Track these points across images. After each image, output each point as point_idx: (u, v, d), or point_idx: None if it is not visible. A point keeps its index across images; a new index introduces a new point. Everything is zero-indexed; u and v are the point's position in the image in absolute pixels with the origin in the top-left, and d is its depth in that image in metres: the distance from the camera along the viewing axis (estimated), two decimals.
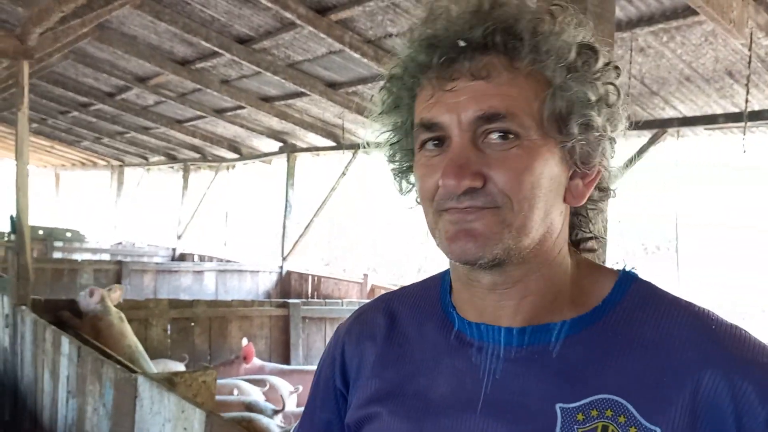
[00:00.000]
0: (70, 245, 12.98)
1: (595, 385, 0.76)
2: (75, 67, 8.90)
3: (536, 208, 0.76)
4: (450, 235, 0.77)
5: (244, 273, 10.11)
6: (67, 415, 3.34)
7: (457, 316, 0.85)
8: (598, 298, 0.81)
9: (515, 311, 0.80)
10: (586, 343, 0.78)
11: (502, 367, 0.79)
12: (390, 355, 0.89)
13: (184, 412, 2.29)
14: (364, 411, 0.87)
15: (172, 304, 5.74)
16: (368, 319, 0.94)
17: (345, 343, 0.94)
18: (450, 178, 0.74)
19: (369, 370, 0.89)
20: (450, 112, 0.76)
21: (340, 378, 0.93)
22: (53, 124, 13.95)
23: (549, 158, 0.77)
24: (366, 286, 8.29)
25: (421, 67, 0.79)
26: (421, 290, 0.94)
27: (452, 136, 0.77)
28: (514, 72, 0.76)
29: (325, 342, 6.24)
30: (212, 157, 12.52)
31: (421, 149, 0.80)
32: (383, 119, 0.87)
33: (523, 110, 0.75)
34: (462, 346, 0.83)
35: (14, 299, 4.28)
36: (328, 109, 7.85)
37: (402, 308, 0.93)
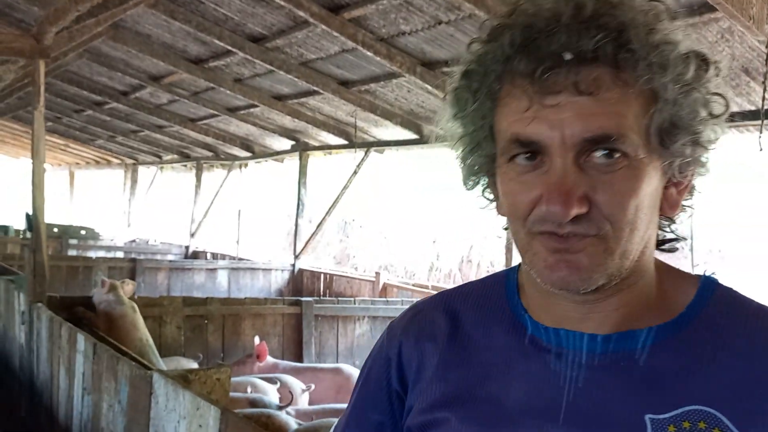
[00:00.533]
0: (84, 243, 13.10)
1: (685, 396, 0.72)
2: (90, 66, 8.97)
3: (637, 230, 0.72)
4: (550, 264, 0.72)
5: (257, 271, 10.15)
6: (83, 412, 3.37)
7: (531, 320, 0.82)
8: (681, 304, 0.78)
9: (603, 321, 0.77)
10: (673, 350, 0.75)
11: (585, 375, 0.76)
12: (454, 357, 0.84)
13: (199, 410, 2.31)
14: (429, 416, 0.83)
15: (186, 301, 5.77)
16: (427, 318, 0.89)
17: (402, 343, 0.89)
18: (556, 205, 0.69)
19: (431, 373, 0.85)
20: (552, 130, 0.70)
21: (397, 379, 0.88)
22: (68, 123, 14.06)
23: (653, 175, 0.73)
24: (378, 285, 8.29)
25: (514, 75, 0.73)
26: (482, 290, 0.90)
27: (553, 155, 0.71)
28: (623, 87, 0.70)
29: (338, 340, 6.25)
30: (225, 155, 12.57)
31: (510, 161, 0.74)
32: (454, 120, 0.81)
33: (631, 129, 0.70)
34: (538, 351, 0.79)
35: (30, 296, 4.32)
36: (341, 107, 7.86)
37: (463, 308, 0.88)
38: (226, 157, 12.57)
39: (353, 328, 6.36)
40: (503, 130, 0.74)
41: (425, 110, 7.23)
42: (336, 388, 5.08)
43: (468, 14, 4.87)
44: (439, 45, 5.62)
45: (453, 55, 5.73)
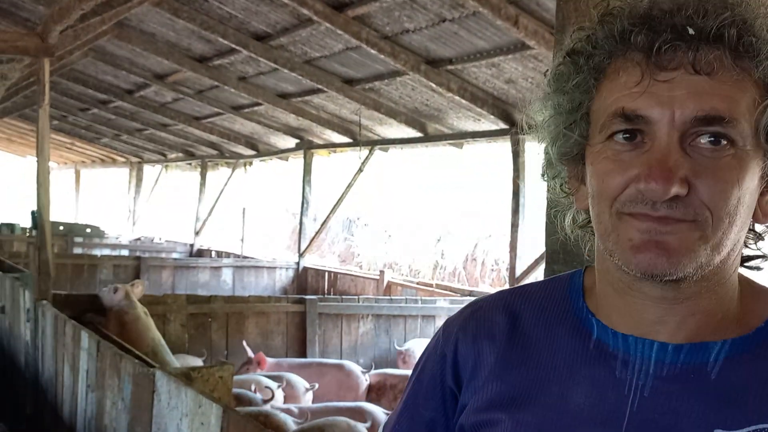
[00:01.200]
0: (89, 241, 13.15)
1: (759, 413, 0.70)
2: (95, 64, 9.00)
3: (735, 225, 0.69)
4: (636, 243, 0.69)
5: (261, 269, 10.16)
6: (87, 409, 3.38)
7: (597, 323, 0.79)
8: (760, 318, 0.75)
9: (677, 328, 0.74)
10: (747, 365, 0.72)
11: (652, 385, 0.73)
12: (513, 357, 0.82)
13: (201, 407, 2.31)
14: (484, 415, 0.80)
15: (190, 299, 5.79)
16: (485, 316, 0.87)
17: (459, 340, 0.86)
18: (657, 182, 0.66)
19: (488, 372, 0.82)
20: (662, 106, 0.67)
21: (451, 376, 0.86)
22: (73, 121, 14.11)
23: (756, 172, 0.70)
24: (382, 283, 8.29)
25: (628, 49, 0.70)
26: (544, 291, 0.87)
27: (658, 132, 0.68)
28: (741, 73, 0.68)
29: (342, 338, 6.25)
30: (229, 153, 12.59)
31: (608, 140, 0.71)
32: (550, 99, 0.78)
33: (743, 116, 0.68)
34: (603, 356, 0.76)
35: (36, 294, 4.34)
36: (345, 105, 7.86)
37: (524, 308, 0.85)
38: (230, 155, 12.59)
39: (357, 326, 6.36)
40: (607, 105, 0.72)
41: (429, 108, 7.22)
42: (338, 384, 5.09)
43: (472, 12, 4.86)
44: (443, 43, 5.61)
45: (457, 53, 5.73)
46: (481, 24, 5.07)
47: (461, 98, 6.23)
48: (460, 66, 5.85)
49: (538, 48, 4.88)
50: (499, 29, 5.02)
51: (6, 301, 5.26)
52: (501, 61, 5.56)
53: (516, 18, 4.60)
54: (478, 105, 6.34)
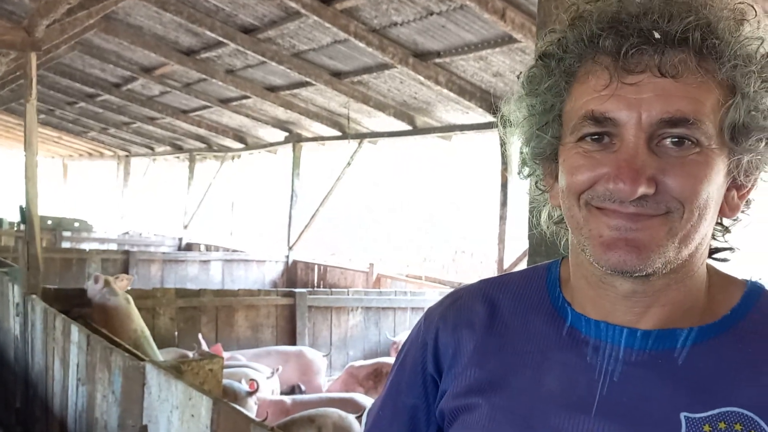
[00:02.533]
0: (78, 235, 13.06)
1: (723, 397, 0.72)
2: (82, 58, 8.94)
3: (704, 219, 0.72)
4: (606, 240, 0.71)
5: (251, 263, 10.16)
6: (77, 402, 3.39)
7: (572, 311, 0.82)
8: (726, 307, 0.78)
9: (647, 317, 0.77)
10: (713, 352, 0.75)
11: (621, 370, 0.76)
12: (490, 345, 0.85)
13: (192, 399, 2.34)
14: (462, 401, 0.84)
15: (179, 293, 5.79)
16: (465, 305, 0.90)
17: (439, 329, 0.89)
18: (625, 182, 0.69)
19: (467, 359, 0.85)
20: (629, 109, 0.70)
21: (432, 363, 0.89)
22: (61, 115, 14.01)
23: (721, 169, 0.72)
24: (372, 275, 8.33)
25: (597, 52, 0.73)
26: (523, 280, 0.90)
27: (626, 134, 0.71)
28: (706, 75, 0.70)
29: (331, 331, 6.29)
30: (218, 147, 12.55)
31: (579, 140, 0.74)
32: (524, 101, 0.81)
33: (708, 117, 0.70)
34: (575, 342, 0.80)
35: (25, 288, 4.34)
36: (334, 98, 7.86)
37: (502, 297, 0.88)
38: (218, 148, 12.55)
39: (346, 319, 6.40)
40: (577, 108, 0.74)
41: (418, 101, 7.24)
42: (301, 369, 5.24)
43: (459, 5, 4.88)
44: (431, 36, 5.63)
45: (445, 46, 5.75)
46: (469, 17, 5.09)
47: (449, 91, 6.26)
48: (448, 59, 5.87)
49: (525, 41, 4.91)
50: (487, 22, 5.04)
51: None
52: (488, 54, 5.58)
53: (503, 11, 4.62)
54: (466, 98, 6.37)
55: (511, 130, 0.85)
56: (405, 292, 6.86)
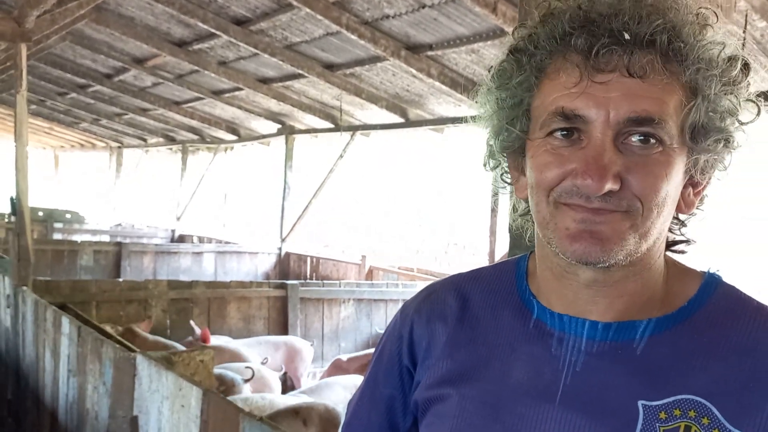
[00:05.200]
0: (69, 227, 13.02)
1: (678, 385, 0.75)
2: (73, 48, 8.88)
3: (662, 215, 0.75)
4: (572, 233, 0.74)
5: (243, 254, 10.16)
6: (68, 394, 3.40)
7: (537, 304, 0.85)
8: (683, 298, 0.81)
9: (607, 308, 0.80)
10: (670, 342, 0.78)
11: (583, 360, 0.79)
12: (462, 337, 0.88)
13: (182, 390, 2.35)
14: (435, 391, 0.87)
15: (171, 285, 5.80)
16: (439, 299, 0.93)
17: (414, 322, 0.93)
18: (591, 179, 0.71)
19: (439, 351, 0.88)
20: (598, 107, 0.72)
21: (407, 356, 0.92)
22: (52, 106, 13.92)
23: (680, 168, 0.76)
24: (364, 268, 8.35)
25: (568, 50, 0.75)
26: (494, 274, 0.93)
27: (593, 131, 0.73)
28: (670, 77, 0.73)
29: (323, 323, 6.31)
30: (210, 138, 12.52)
31: (548, 136, 0.76)
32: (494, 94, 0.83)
33: (671, 117, 0.73)
34: (541, 335, 0.83)
35: (15, 280, 4.34)
36: (326, 90, 7.85)
37: (474, 291, 0.91)
38: (211, 140, 12.52)
39: (338, 311, 6.42)
40: (547, 104, 0.76)
41: (410, 94, 7.24)
42: (289, 357, 5.39)
43: None
44: (423, 29, 5.63)
45: (437, 39, 5.75)
46: (461, 10, 5.09)
47: (441, 84, 6.26)
48: (440, 52, 5.87)
49: None
50: (479, 15, 5.05)
51: None
52: (480, 47, 5.59)
53: (494, 5, 4.63)
54: (459, 91, 6.37)
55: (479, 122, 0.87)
56: (396, 284, 6.89)
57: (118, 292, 5.46)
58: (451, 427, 0.83)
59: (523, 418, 0.79)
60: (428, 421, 0.87)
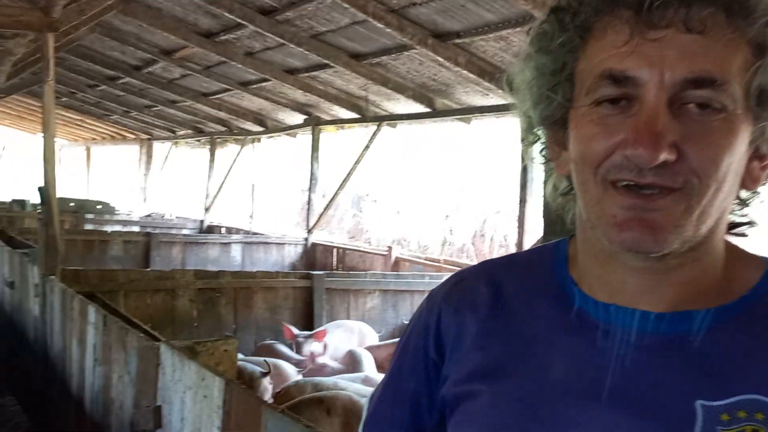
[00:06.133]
0: (100, 217, 13.22)
1: (743, 384, 0.67)
2: (102, 40, 8.96)
3: (721, 192, 0.67)
4: (620, 221, 0.66)
5: (270, 245, 10.19)
6: (94, 383, 3.42)
7: (579, 293, 0.77)
8: (745, 286, 0.73)
9: (660, 297, 0.72)
10: (731, 335, 0.70)
11: (633, 355, 0.71)
12: (494, 328, 0.80)
13: (204, 380, 2.33)
14: (464, 387, 0.79)
15: (198, 274, 5.81)
16: (468, 286, 0.85)
17: (441, 311, 0.85)
18: (644, 147, 0.63)
19: (470, 342, 0.81)
20: (651, 66, 0.64)
21: (434, 347, 0.84)
22: (82, 98, 14.11)
23: (745, 137, 0.67)
24: (390, 259, 8.30)
25: (616, 5, 0.67)
26: (529, 260, 0.86)
27: (646, 94, 0.65)
28: (734, 32, 0.65)
29: (349, 313, 6.28)
30: (238, 130, 12.57)
31: (594, 103, 0.68)
32: (533, 59, 0.74)
33: (735, 78, 0.65)
34: (584, 326, 0.74)
35: (43, 269, 4.37)
36: (352, 81, 7.79)
37: (507, 277, 0.84)
38: (239, 132, 12.57)
39: (364, 302, 6.39)
40: (593, 66, 0.68)
41: (437, 83, 7.15)
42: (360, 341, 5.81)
43: None
44: (451, 16, 5.53)
45: (465, 26, 5.64)
46: None
47: (469, 72, 6.16)
48: (467, 39, 5.77)
49: None
50: (507, 1, 4.93)
51: (15, 277, 5.31)
52: (509, 34, 5.47)
53: None
54: (486, 79, 6.26)
55: (515, 93, 0.78)
56: (423, 275, 6.83)
57: (146, 282, 5.49)
58: (483, 427, 0.76)
59: (564, 419, 0.71)
60: (457, 420, 0.80)
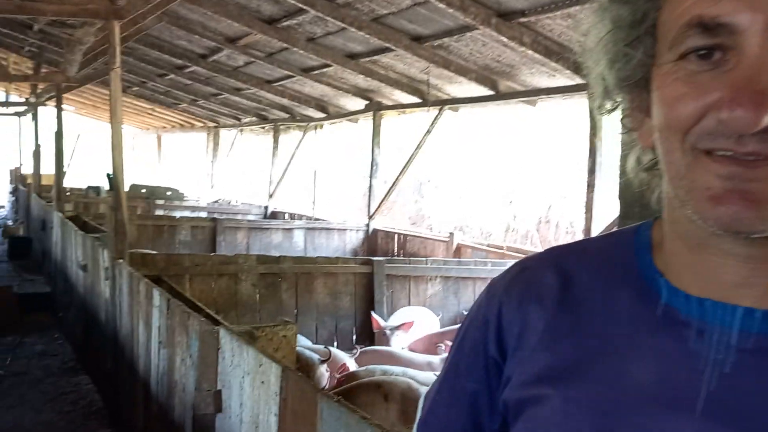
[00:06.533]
0: (170, 203, 13.64)
1: None
2: (169, 29, 9.16)
3: None
4: (716, 193, 0.56)
5: (332, 231, 10.25)
6: (159, 365, 3.48)
7: (667, 285, 0.66)
8: None
9: (765, 291, 0.61)
10: None
11: (734, 359, 0.60)
12: (564, 325, 0.71)
13: (262, 366, 2.31)
14: (530, 391, 0.70)
15: (260, 259, 5.88)
16: (533, 277, 0.76)
17: (503, 304, 0.76)
18: (744, 109, 0.53)
19: (536, 340, 0.72)
20: (753, 10, 0.54)
21: (495, 344, 0.75)
22: (153, 87, 14.53)
23: None
24: (452, 245, 8.19)
25: None
26: (605, 247, 0.75)
27: (746, 45, 0.54)
28: None
29: (410, 300, 6.21)
30: (300, 117, 12.67)
31: (681, 58, 0.58)
32: (608, 11, 0.65)
33: None
34: (673, 325, 0.64)
35: (112, 253, 4.50)
36: (414, 64, 7.69)
37: (579, 267, 0.73)
38: (301, 118, 12.67)
39: (425, 288, 6.31)
40: (679, 14, 0.58)
41: (501, 64, 6.95)
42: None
43: None
44: None
45: (530, 4, 5.44)
46: None
47: (534, 53, 5.95)
48: (533, 18, 5.56)
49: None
50: None
51: (88, 260, 5.50)
52: (577, 11, 5.23)
53: None
54: (553, 59, 6.04)
55: (588, 54, 0.68)
56: (485, 262, 6.70)
57: (210, 266, 5.59)
58: None
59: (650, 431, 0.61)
60: (522, 428, 0.70)
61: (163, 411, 3.38)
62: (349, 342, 5.83)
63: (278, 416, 2.15)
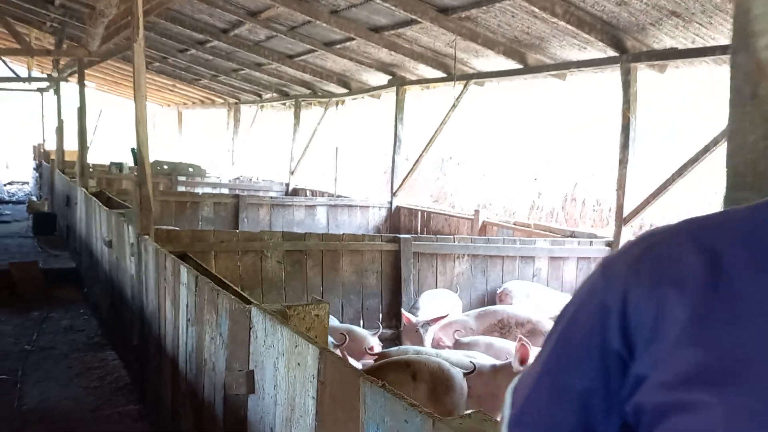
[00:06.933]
0: (192, 180, 13.63)
1: None
2: (191, 3, 9.04)
3: None
4: None
5: (354, 208, 10.17)
6: (187, 342, 3.43)
7: None
8: None
9: None
10: None
11: None
12: (717, 314, 0.60)
13: (297, 347, 2.23)
14: (677, 394, 0.60)
15: (286, 236, 5.80)
16: (667, 254, 0.65)
17: (629, 287, 0.65)
18: None
19: (678, 332, 0.61)
20: None
21: (618, 336, 0.65)
22: (174, 63, 14.45)
23: None
24: (477, 223, 8.06)
25: None
26: (755, 220, 0.64)
27: None
28: None
29: (437, 278, 6.11)
30: (322, 92, 12.53)
31: None
32: None
33: None
34: None
35: (138, 229, 4.44)
36: (439, 37, 7.50)
37: (727, 244, 0.63)
38: (323, 94, 12.52)
39: (452, 266, 6.21)
40: None
41: (531, 37, 6.75)
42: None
43: None
44: None
45: None
46: None
47: (566, 24, 5.75)
48: None
49: None
50: None
51: (113, 236, 5.47)
52: None
53: None
54: (585, 30, 5.83)
55: None
56: (514, 240, 6.56)
57: (235, 243, 5.53)
58: None
59: None
60: None
61: (192, 389, 3.33)
62: (376, 321, 5.76)
63: (316, 399, 2.07)
